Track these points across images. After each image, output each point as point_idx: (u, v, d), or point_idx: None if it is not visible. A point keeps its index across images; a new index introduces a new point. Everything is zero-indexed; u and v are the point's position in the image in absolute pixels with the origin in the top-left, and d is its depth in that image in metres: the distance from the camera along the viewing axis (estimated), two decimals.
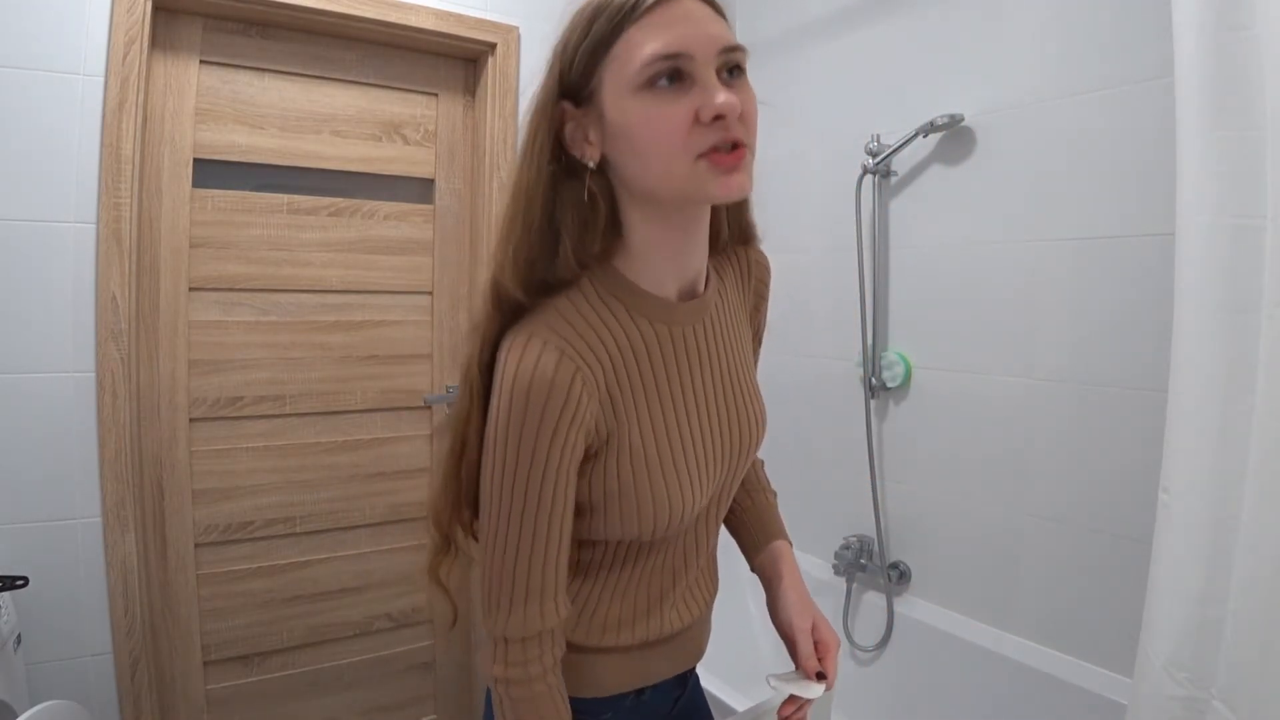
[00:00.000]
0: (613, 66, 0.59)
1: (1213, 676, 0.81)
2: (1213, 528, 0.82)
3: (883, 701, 1.68)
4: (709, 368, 0.72)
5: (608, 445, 0.65)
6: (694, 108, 0.57)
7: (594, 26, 0.60)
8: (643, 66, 0.57)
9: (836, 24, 1.84)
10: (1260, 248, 0.79)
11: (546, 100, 0.62)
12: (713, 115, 0.57)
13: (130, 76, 1.40)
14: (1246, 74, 0.80)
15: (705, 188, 0.60)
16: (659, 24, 0.58)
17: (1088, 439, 1.37)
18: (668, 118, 0.58)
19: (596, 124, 0.62)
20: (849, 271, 1.73)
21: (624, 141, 0.60)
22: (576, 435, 0.61)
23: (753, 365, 0.82)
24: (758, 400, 0.79)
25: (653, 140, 0.59)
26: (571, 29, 0.62)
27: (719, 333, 0.74)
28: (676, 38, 0.57)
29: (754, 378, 0.80)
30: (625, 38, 0.58)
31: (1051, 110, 1.41)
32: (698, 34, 0.58)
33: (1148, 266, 1.26)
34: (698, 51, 0.58)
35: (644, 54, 0.57)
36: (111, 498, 1.41)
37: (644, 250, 0.66)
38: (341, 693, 1.79)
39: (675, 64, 0.57)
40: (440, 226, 1.87)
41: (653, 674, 0.79)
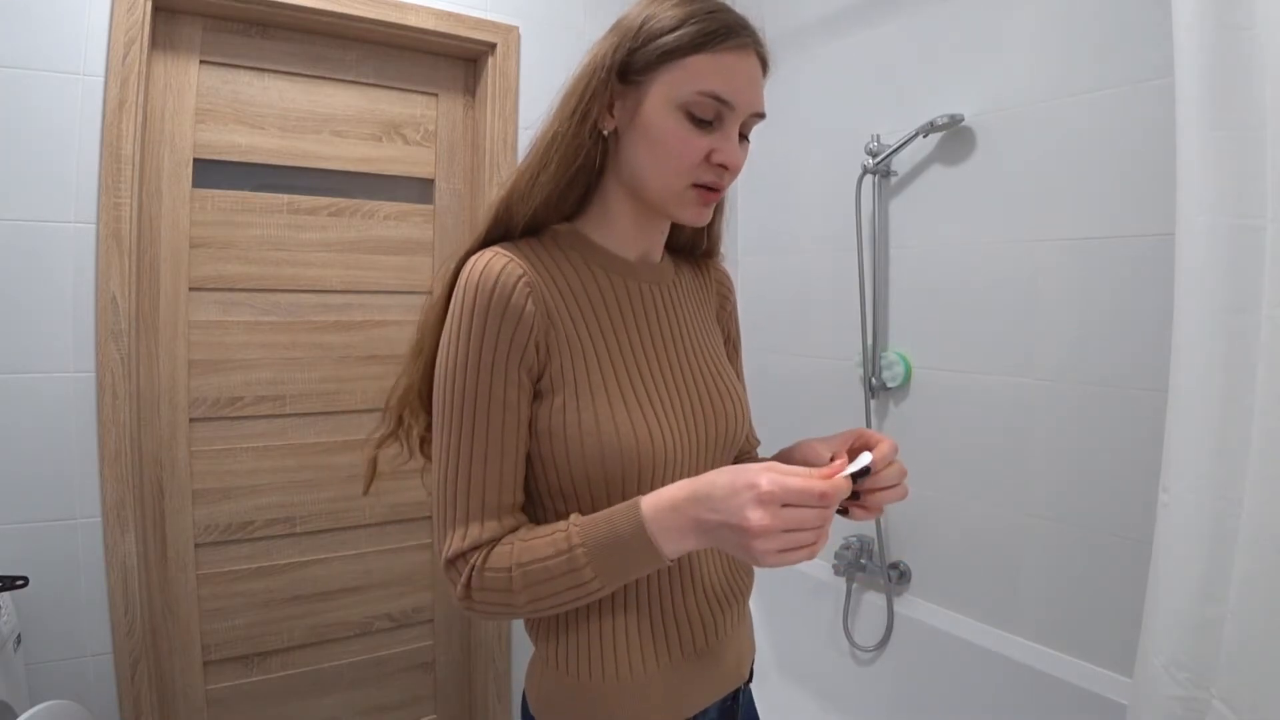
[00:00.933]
0: (672, 76, 0.65)
1: (1213, 676, 0.81)
2: (1213, 528, 0.82)
3: (883, 701, 1.68)
4: (668, 328, 0.75)
5: (562, 379, 0.67)
6: (712, 148, 0.66)
7: (676, 33, 0.65)
8: (695, 92, 0.65)
9: (836, 24, 1.84)
10: (1260, 248, 0.79)
11: (608, 71, 0.67)
12: (721, 162, 0.66)
13: (130, 76, 1.40)
14: (1246, 74, 0.80)
15: (683, 210, 0.69)
16: (726, 67, 0.65)
17: (1088, 439, 1.37)
18: (690, 145, 0.66)
19: (628, 106, 0.68)
20: (849, 271, 1.73)
21: (645, 138, 0.67)
22: (524, 337, 0.65)
23: (724, 354, 0.84)
24: (735, 388, 0.80)
25: (669, 154, 0.66)
26: (653, 16, 0.66)
27: (679, 306, 0.78)
28: (733, 88, 0.65)
29: (727, 366, 0.81)
30: (696, 59, 0.65)
31: (1051, 110, 1.41)
32: (747, 94, 0.66)
33: (1148, 266, 1.26)
34: (740, 106, 0.66)
35: (703, 85, 0.65)
36: (111, 498, 1.41)
37: (613, 218, 0.73)
38: (341, 693, 1.79)
39: (720, 107, 0.65)
40: (440, 226, 1.87)
41: (685, 705, 0.73)
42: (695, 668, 0.73)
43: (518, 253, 0.67)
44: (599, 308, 0.70)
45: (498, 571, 0.63)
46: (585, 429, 0.66)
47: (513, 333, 0.64)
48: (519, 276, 0.65)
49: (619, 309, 0.72)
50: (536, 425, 0.67)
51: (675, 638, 0.72)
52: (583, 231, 0.73)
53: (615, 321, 0.71)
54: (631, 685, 0.70)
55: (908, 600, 1.69)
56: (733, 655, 0.78)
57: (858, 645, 1.74)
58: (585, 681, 0.70)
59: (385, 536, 1.83)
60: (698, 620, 0.74)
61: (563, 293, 0.69)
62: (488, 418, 0.65)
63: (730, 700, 0.79)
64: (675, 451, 0.70)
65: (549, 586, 0.62)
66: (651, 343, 0.73)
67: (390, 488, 1.83)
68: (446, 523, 0.66)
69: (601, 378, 0.68)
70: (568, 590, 0.62)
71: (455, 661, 1.93)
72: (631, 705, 0.70)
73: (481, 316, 0.64)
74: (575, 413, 0.66)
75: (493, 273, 0.64)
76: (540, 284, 0.67)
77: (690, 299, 0.81)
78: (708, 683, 0.75)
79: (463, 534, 0.65)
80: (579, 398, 0.67)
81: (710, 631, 0.74)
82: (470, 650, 1.93)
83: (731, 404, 0.77)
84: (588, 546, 0.61)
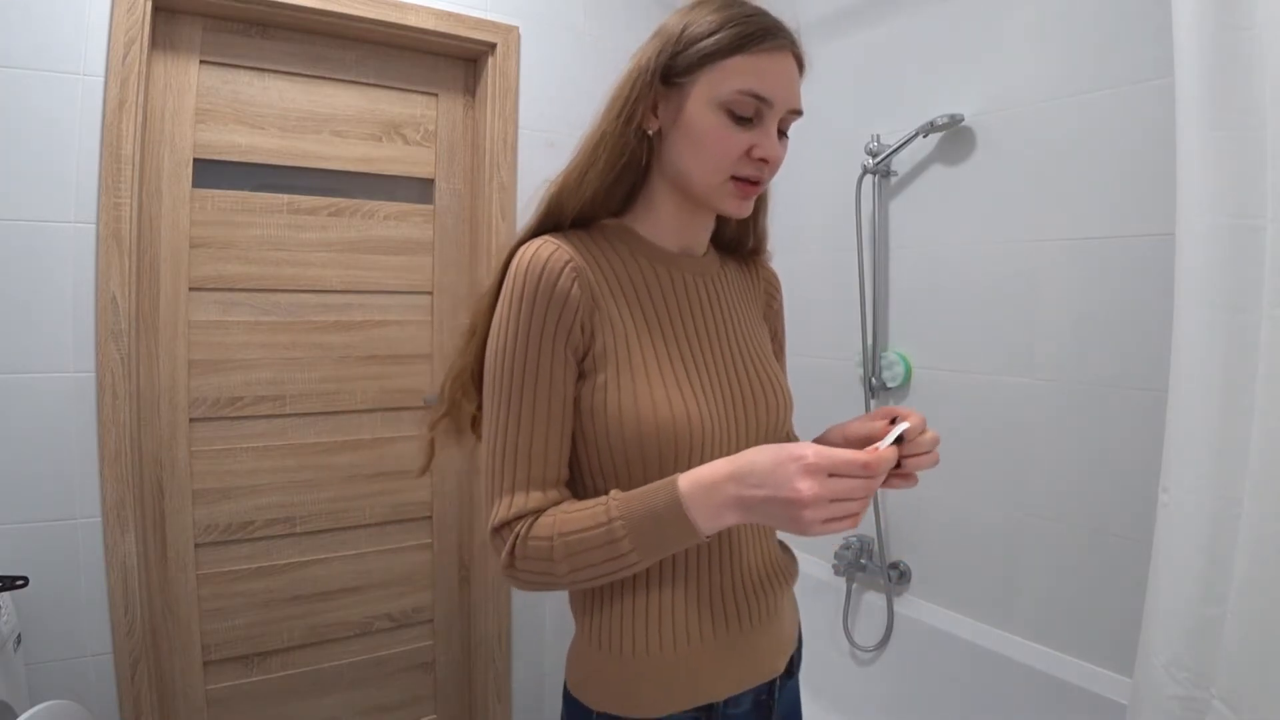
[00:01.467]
0: (712, 77, 0.69)
1: (1213, 676, 0.81)
2: (1213, 528, 0.82)
3: (883, 701, 1.68)
4: (711, 317, 0.78)
5: (605, 359, 0.70)
6: (751, 143, 0.70)
7: (714, 37, 0.69)
8: (734, 91, 0.68)
9: (836, 24, 1.84)
10: (1260, 248, 0.80)
11: (653, 75, 0.71)
12: (761, 157, 0.70)
13: (130, 76, 1.40)
14: (1246, 74, 0.80)
15: (724, 202, 0.73)
16: (764, 67, 0.69)
17: (1088, 439, 1.37)
18: (731, 141, 0.70)
19: (671, 107, 0.72)
20: (849, 271, 1.73)
21: (687, 136, 0.71)
22: (570, 319, 0.69)
23: (769, 348, 0.86)
24: (778, 378, 0.82)
25: (711, 149, 0.70)
26: (694, 22, 0.70)
27: (723, 297, 0.81)
28: (770, 86, 0.69)
29: (770, 358, 0.84)
30: (735, 61, 0.69)
31: (1051, 110, 1.41)
32: (784, 91, 0.70)
33: (1148, 266, 1.26)
34: (777, 104, 0.70)
35: (740, 83, 0.68)
36: (111, 498, 1.41)
37: (658, 212, 0.77)
38: (341, 693, 1.79)
39: (758, 105, 0.69)
40: (440, 226, 1.87)
41: (717, 687, 0.74)
42: (729, 652, 0.75)
43: (566, 241, 0.71)
44: (642, 293, 0.74)
45: (540, 540, 0.66)
46: (625, 407, 0.69)
47: (559, 314, 0.68)
48: (566, 262, 0.69)
49: (662, 296, 0.75)
50: (579, 404, 0.71)
51: (709, 618, 0.74)
52: (629, 225, 0.77)
53: (659, 307, 0.75)
54: (663, 661, 0.72)
55: (908, 600, 1.69)
56: (768, 644, 0.78)
57: (858, 645, 1.74)
58: (618, 655, 0.72)
59: (385, 536, 1.83)
60: (731, 604, 0.75)
61: (608, 279, 0.72)
62: (534, 394, 0.68)
63: (765, 692, 0.79)
64: (714, 433, 0.72)
65: (588, 557, 0.65)
66: (694, 329, 0.76)
67: (390, 488, 1.83)
68: (493, 492, 0.70)
69: (643, 359, 0.71)
70: (605, 562, 0.65)
71: (455, 661, 1.93)
72: (663, 681, 0.72)
73: (530, 299, 0.68)
74: (616, 391, 0.69)
75: (541, 259, 0.69)
76: (586, 269, 0.70)
77: (736, 293, 0.83)
78: (740, 669, 0.76)
79: (508, 503, 0.68)
80: (620, 377, 0.70)
81: (746, 616, 0.76)
82: (470, 650, 1.93)
83: (773, 392, 0.79)
84: (626, 520, 0.64)
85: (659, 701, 0.72)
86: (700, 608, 0.73)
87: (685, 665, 0.72)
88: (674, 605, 0.72)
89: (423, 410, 1.86)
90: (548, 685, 1.96)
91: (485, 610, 1.86)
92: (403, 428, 1.84)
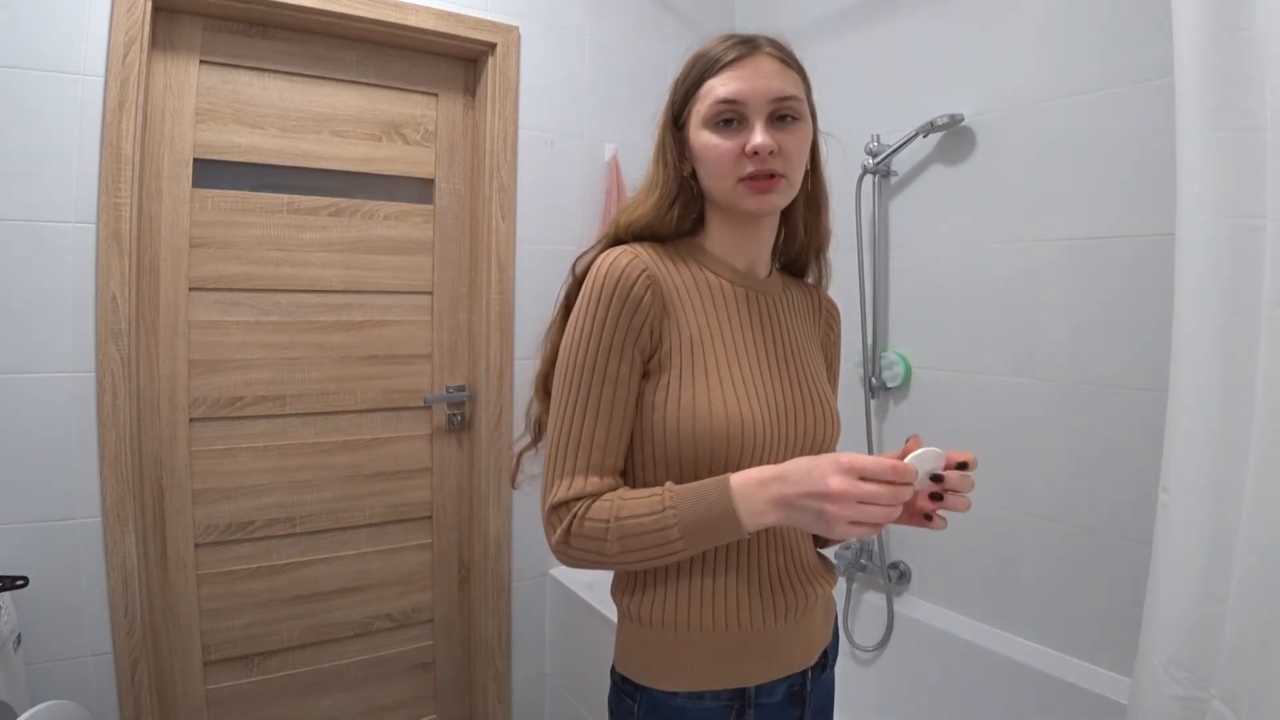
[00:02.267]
0: (697, 105, 0.79)
1: (1213, 676, 0.81)
2: (1213, 528, 0.82)
3: (883, 701, 1.68)
4: (770, 332, 0.84)
5: (670, 361, 0.76)
6: (742, 144, 0.76)
7: (691, 71, 0.80)
8: (710, 107, 0.77)
9: (836, 24, 1.84)
10: (1260, 248, 0.80)
11: (666, 123, 0.83)
12: (751, 151, 0.75)
13: (130, 76, 1.40)
14: (1246, 74, 0.80)
15: (743, 203, 0.78)
16: (730, 77, 0.77)
17: (1088, 439, 1.37)
18: (723, 148, 0.77)
19: (687, 145, 0.81)
20: (849, 271, 1.73)
21: (699, 161, 0.80)
22: (640, 322, 0.75)
23: (822, 370, 0.92)
24: (828, 397, 0.88)
25: (712, 162, 0.78)
26: (681, 70, 0.82)
27: (783, 316, 0.87)
28: (736, 90, 0.76)
29: (823, 379, 0.90)
30: (707, 84, 0.78)
31: (1051, 110, 1.41)
32: (754, 87, 0.76)
33: (1148, 266, 1.26)
34: (751, 100, 0.76)
35: (713, 97, 0.77)
36: (111, 498, 1.41)
37: (714, 232, 0.85)
38: (341, 693, 1.79)
39: (732, 108, 0.76)
40: (440, 226, 1.87)
41: (755, 672, 0.79)
42: (767, 640, 0.80)
43: (643, 251, 0.79)
44: (708, 302, 0.81)
45: (597, 522, 0.72)
46: (684, 406, 0.75)
47: (631, 317, 0.75)
48: (642, 270, 0.76)
49: (725, 306, 0.82)
50: (644, 400, 0.77)
51: (753, 606, 0.79)
52: (700, 243, 0.85)
53: (722, 316, 0.81)
54: (705, 641, 0.77)
55: (908, 600, 1.69)
56: (804, 637, 0.83)
57: (858, 645, 1.74)
58: (660, 631, 0.78)
59: (385, 536, 1.83)
60: (778, 595, 0.80)
61: (678, 288, 0.79)
62: (602, 387, 0.74)
63: (798, 683, 0.83)
64: (765, 441, 0.77)
65: (638, 541, 0.70)
66: (754, 341, 0.82)
67: (390, 488, 1.83)
68: (555, 474, 0.75)
69: (704, 363, 0.77)
70: (654, 547, 0.70)
71: (455, 661, 1.93)
72: (704, 660, 0.78)
73: (606, 302, 0.75)
74: (678, 391, 0.76)
75: (619, 266, 0.76)
76: (659, 278, 0.77)
77: (796, 315, 0.90)
78: (776, 657, 0.81)
79: (568, 484, 0.74)
80: (682, 378, 0.76)
81: (786, 609, 0.80)
82: (470, 650, 1.93)
83: (823, 412, 0.84)
84: (678, 510, 0.70)
85: (698, 678, 0.78)
86: (746, 596, 0.79)
87: (727, 647, 0.78)
88: (722, 591, 0.78)
89: (422, 410, 1.86)
90: (548, 685, 1.96)
91: (485, 610, 1.86)
92: (403, 428, 1.84)
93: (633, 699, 0.80)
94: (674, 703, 0.77)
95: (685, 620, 0.77)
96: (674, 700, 0.77)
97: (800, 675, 0.83)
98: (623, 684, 0.81)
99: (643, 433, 0.77)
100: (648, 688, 0.78)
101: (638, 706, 0.79)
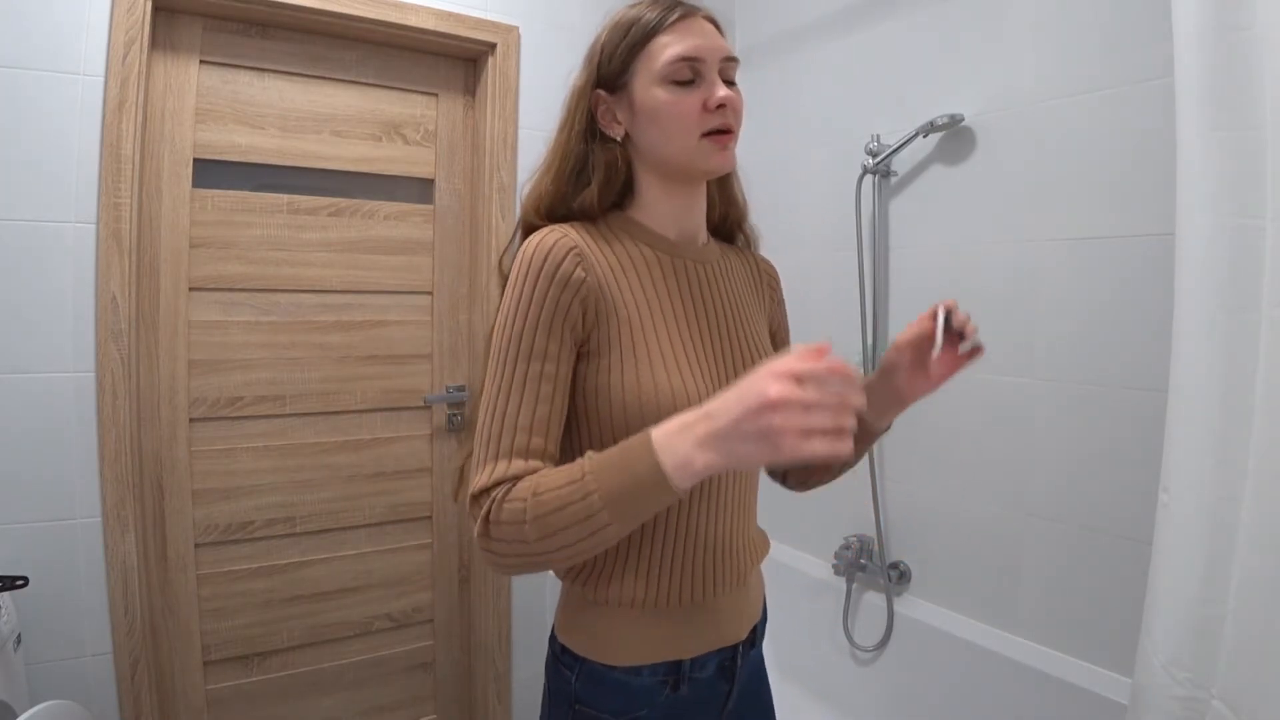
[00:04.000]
0: (645, 62, 0.76)
1: (1213, 676, 0.81)
2: (1213, 528, 0.82)
3: (883, 701, 1.68)
4: (710, 302, 0.83)
5: (608, 343, 0.74)
6: (703, 99, 0.75)
7: (630, 32, 0.77)
8: (667, 64, 0.75)
9: (836, 24, 1.84)
10: (1260, 248, 0.79)
11: (584, 87, 0.80)
12: (716, 104, 0.75)
13: (130, 76, 1.40)
14: (1246, 74, 0.80)
15: (707, 160, 0.77)
16: (681, 34, 0.76)
17: (1088, 439, 1.37)
18: (684, 104, 0.75)
19: (626, 107, 0.78)
20: (849, 271, 1.73)
21: (648, 120, 0.77)
22: (569, 298, 0.72)
23: (768, 339, 0.90)
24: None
25: (672, 119, 0.76)
26: (609, 35, 0.79)
27: (723, 285, 0.85)
28: (693, 46, 0.75)
29: (767, 345, 0.89)
30: (656, 42, 0.76)
31: (1051, 110, 1.41)
32: (709, 44, 0.76)
33: (1148, 266, 1.26)
34: (708, 57, 0.76)
35: (669, 54, 0.75)
36: (111, 498, 1.41)
37: (652, 203, 0.82)
38: (341, 693, 1.79)
39: (692, 64, 0.75)
40: (440, 226, 1.87)
41: (688, 645, 0.80)
42: (700, 613, 0.80)
43: (572, 230, 0.77)
44: (644, 278, 0.79)
45: (515, 503, 0.65)
46: (628, 387, 0.73)
47: (560, 294, 0.72)
48: (570, 248, 0.74)
49: (664, 280, 0.80)
50: (585, 384, 0.74)
51: (685, 581, 0.78)
52: (630, 215, 0.83)
53: (661, 291, 0.79)
54: (640, 616, 0.77)
55: (908, 600, 1.69)
56: (735, 610, 0.83)
57: (858, 645, 1.74)
58: (598, 606, 0.78)
59: (385, 536, 1.83)
60: (709, 570, 0.79)
61: (612, 266, 0.77)
62: (529, 365, 0.71)
63: (729, 658, 0.83)
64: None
65: (559, 519, 0.62)
66: (693, 312, 0.80)
67: (390, 488, 1.83)
68: (479, 462, 0.70)
69: (645, 342, 0.75)
70: (578, 525, 0.62)
71: (455, 661, 1.93)
72: (638, 634, 0.78)
73: (534, 279, 0.72)
74: (619, 373, 0.73)
75: (546, 244, 0.73)
76: (590, 255, 0.75)
77: (736, 282, 0.88)
78: (709, 630, 0.81)
79: (490, 469, 0.69)
80: (624, 360, 0.74)
81: (717, 583, 0.80)
82: (470, 650, 1.93)
83: None
84: (597, 473, 0.62)
85: (639, 652, 0.78)
86: (690, 567, 0.78)
87: (667, 621, 0.78)
88: (666, 564, 0.77)
89: (422, 410, 1.86)
90: None
91: (485, 610, 1.86)
92: (402, 428, 1.84)
93: (571, 670, 0.79)
94: (612, 676, 0.77)
95: (630, 596, 0.76)
96: (612, 674, 0.77)
97: (732, 650, 0.83)
98: (562, 654, 0.81)
99: (586, 420, 0.74)
100: (587, 659, 0.78)
101: (575, 677, 0.79)
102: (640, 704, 0.78)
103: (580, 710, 0.78)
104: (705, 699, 0.82)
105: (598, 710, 0.78)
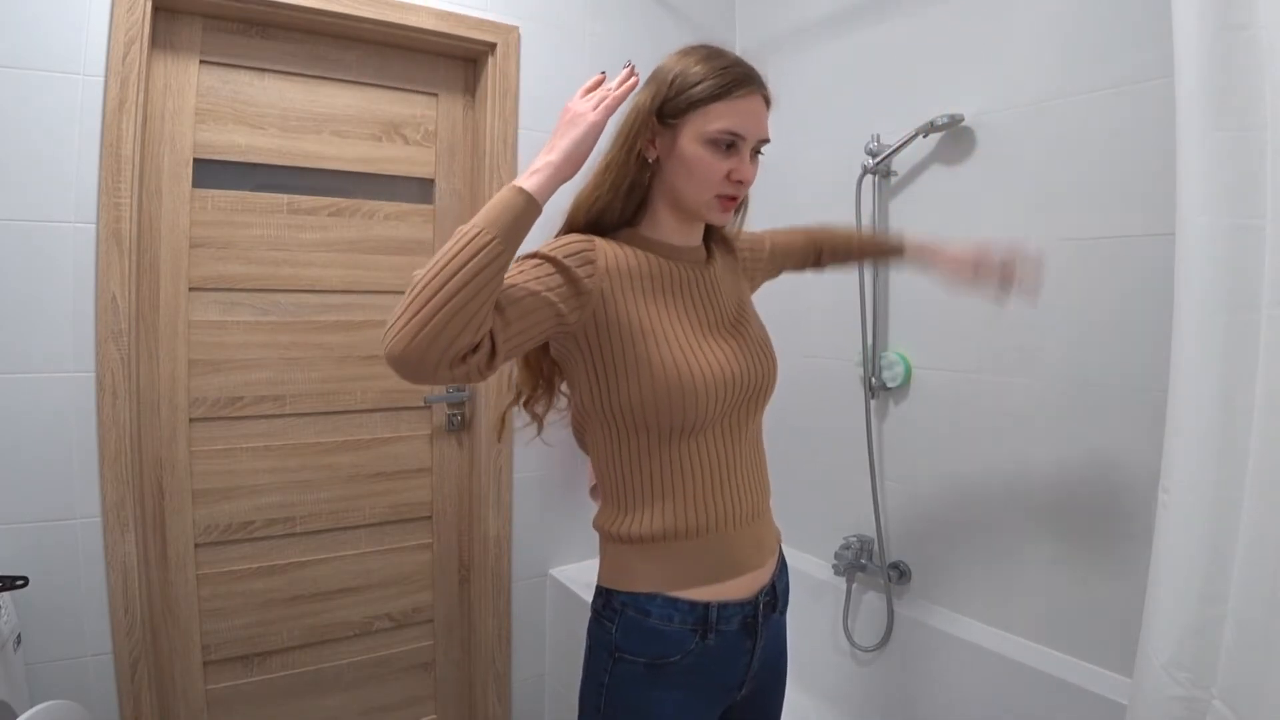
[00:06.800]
0: (699, 119, 0.87)
1: (1213, 676, 0.81)
2: (1213, 528, 0.82)
3: (883, 701, 1.68)
4: (711, 298, 0.95)
5: (617, 325, 0.85)
6: (730, 168, 0.88)
7: (699, 86, 0.87)
8: (716, 130, 0.87)
9: (836, 24, 1.84)
10: (1260, 248, 0.80)
11: (648, 111, 0.89)
12: (738, 179, 0.89)
13: (130, 76, 1.40)
14: (1246, 74, 0.80)
15: (710, 214, 0.92)
16: (736, 110, 0.87)
17: (1088, 439, 1.37)
18: (715, 168, 0.88)
19: (667, 141, 0.89)
20: (849, 272, 1.73)
21: (681, 165, 0.89)
22: (574, 281, 0.82)
23: (758, 318, 1.05)
24: (768, 340, 1.02)
25: (700, 175, 0.88)
26: (683, 73, 0.88)
27: (717, 283, 0.98)
28: (741, 124, 0.88)
29: (761, 323, 1.04)
30: (715, 106, 0.87)
31: (1051, 110, 1.41)
32: (754, 126, 0.89)
33: (1148, 266, 1.26)
34: (750, 136, 0.89)
35: (721, 125, 0.87)
36: (111, 498, 1.41)
37: (660, 221, 0.94)
38: (341, 693, 1.79)
39: (733, 139, 0.88)
40: (440, 227, 1.87)
41: (719, 573, 0.90)
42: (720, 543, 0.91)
43: (605, 246, 0.88)
44: (657, 282, 0.90)
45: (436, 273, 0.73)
46: (642, 360, 0.85)
47: (564, 272, 0.82)
48: (584, 245, 0.85)
49: (672, 284, 0.92)
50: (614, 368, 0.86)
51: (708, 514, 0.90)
52: (640, 231, 0.94)
53: (668, 291, 0.91)
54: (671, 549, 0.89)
55: (908, 600, 1.69)
56: (750, 540, 0.94)
57: (858, 645, 1.74)
58: (633, 545, 0.90)
59: (385, 536, 1.83)
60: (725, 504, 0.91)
61: (624, 272, 0.88)
62: (499, 278, 0.75)
63: (751, 613, 0.93)
64: (720, 381, 0.88)
65: (445, 254, 0.71)
66: (700, 308, 0.93)
67: (390, 488, 1.83)
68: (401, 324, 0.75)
69: (661, 329, 0.87)
70: (463, 249, 0.71)
71: (455, 661, 1.93)
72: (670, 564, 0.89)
73: (545, 255, 0.83)
74: (648, 358, 0.85)
75: (563, 240, 0.86)
76: (603, 258, 0.86)
77: (726, 276, 1.01)
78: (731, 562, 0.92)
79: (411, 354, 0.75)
80: (648, 346, 0.85)
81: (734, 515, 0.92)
82: (470, 650, 1.93)
83: (765, 356, 0.98)
84: (475, 219, 0.75)
85: (669, 581, 0.89)
86: (710, 503, 0.90)
87: (695, 551, 0.89)
88: (692, 504, 0.89)
89: (423, 410, 1.86)
90: (548, 685, 1.96)
91: (485, 610, 1.86)
92: (403, 428, 1.84)
93: (611, 622, 0.90)
94: (647, 624, 0.88)
95: (660, 530, 0.88)
96: (647, 622, 0.88)
97: (753, 604, 0.93)
98: (604, 609, 0.92)
99: (618, 391, 0.85)
100: (624, 611, 0.89)
101: (615, 628, 0.89)
102: (673, 650, 0.88)
103: (620, 656, 0.89)
104: (730, 657, 0.92)
105: (634, 655, 0.88)
